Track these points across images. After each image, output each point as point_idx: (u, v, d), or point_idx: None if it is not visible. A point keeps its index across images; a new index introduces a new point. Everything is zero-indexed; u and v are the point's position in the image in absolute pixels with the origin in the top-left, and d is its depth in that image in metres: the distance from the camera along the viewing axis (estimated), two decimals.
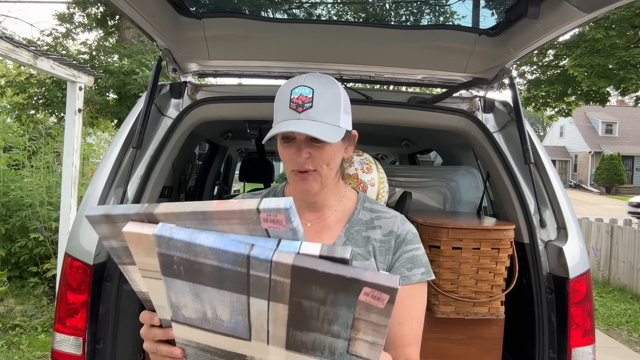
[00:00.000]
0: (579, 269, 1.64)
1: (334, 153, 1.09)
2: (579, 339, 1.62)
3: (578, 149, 36.36)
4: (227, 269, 0.70)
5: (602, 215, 9.99)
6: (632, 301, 6.22)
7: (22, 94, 9.30)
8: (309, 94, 1.05)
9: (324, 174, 1.09)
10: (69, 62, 4.80)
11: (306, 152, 1.06)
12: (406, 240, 1.14)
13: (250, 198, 1.09)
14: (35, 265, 5.20)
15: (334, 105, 1.06)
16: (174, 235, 0.69)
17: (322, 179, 1.09)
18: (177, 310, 0.78)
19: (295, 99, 1.05)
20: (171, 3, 1.58)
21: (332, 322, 0.72)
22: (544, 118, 20.80)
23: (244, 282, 0.71)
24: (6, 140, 6.00)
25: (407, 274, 1.11)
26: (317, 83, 1.07)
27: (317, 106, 1.04)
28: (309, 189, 1.09)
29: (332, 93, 1.07)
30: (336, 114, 1.06)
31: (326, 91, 1.07)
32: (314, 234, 1.15)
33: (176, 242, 0.70)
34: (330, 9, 1.93)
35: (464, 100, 2.00)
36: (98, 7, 11.01)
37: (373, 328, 0.71)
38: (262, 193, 1.25)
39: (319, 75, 1.10)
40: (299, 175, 1.08)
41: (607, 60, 11.26)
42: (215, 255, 0.69)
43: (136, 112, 1.84)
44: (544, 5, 1.38)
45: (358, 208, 1.19)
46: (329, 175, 1.10)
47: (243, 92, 1.98)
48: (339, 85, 1.10)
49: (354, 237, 1.14)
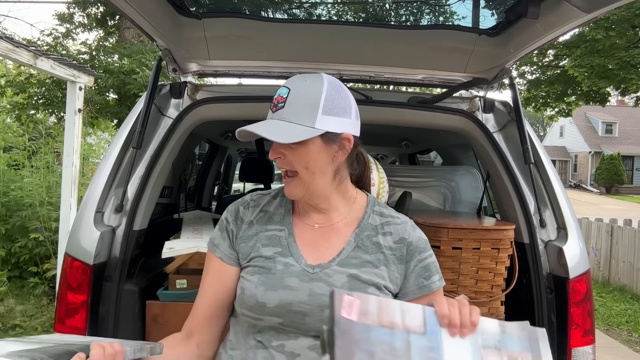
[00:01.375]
0: (579, 269, 1.64)
1: (311, 155, 1.05)
2: (579, 339, 1.62)
3: (578, 149, 36.36)
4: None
5: (602, 215, 9.98)
6: (632, 301, 6.22)
7: (22, 94, 9.29)
8: (284, 94, 1.05)
9: (304, 178, 1.06)
10: (69, 62, 4.80)
11: (279, 152, 1.06)
12: (419, 248, 1.12)
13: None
14: (35, 265, 5.20)
15: (309, 106, 1.03)
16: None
17: (304, 184, 1.07)
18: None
19: (275, 98, 1.06)
20: (171, 3, 1.58)
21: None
22: (544, 118, 20.82)
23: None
24: (6, 140, 6.00)
25: (426, 283, 1.10)
26: (299, 83, 1.06)
27: (289, 106, 1.03)
28: (292, 193, 1.09)
29: (312, 93, 1.04)
30: (312, 114, 1.03)
31: (306, 91, 1.04)
32: (322, 237, 1.13)
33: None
34: (330, 9, 1.94)
35: (464, 100, 2.00)
36: (98, 7, 11.01)
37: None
38: (271, 192, 1.24)
39: (311, 75, 1.08)
40: (284, 178, 1.10)
41: (607, 60, 11.25)
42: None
43: (136, 112, 1.84)
44: (544, 5, 1.38)
45: (368, 212, 1.16)
46: (312, 179, 1.07)
47: (243, 92, 1.98)
48: (323, 87, 1.05)
49: (363, 242, 1.11)
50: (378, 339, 0.78)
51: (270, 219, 1.16)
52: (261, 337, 1.06)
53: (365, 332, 0.78)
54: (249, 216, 1.16)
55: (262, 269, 1.08)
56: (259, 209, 1.18)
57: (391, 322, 0.80)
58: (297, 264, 1.08)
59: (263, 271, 1.07)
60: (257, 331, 1.07)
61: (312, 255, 1.10)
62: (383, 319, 0.80)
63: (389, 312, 0.81)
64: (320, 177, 1.08)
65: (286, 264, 1.08)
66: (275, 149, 1.06)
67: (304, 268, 1.08)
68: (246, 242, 1.13)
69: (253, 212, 1.17)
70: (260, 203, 1.19)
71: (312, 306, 1.04)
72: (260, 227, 1.14)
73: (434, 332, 0.83)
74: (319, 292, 1.05)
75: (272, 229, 1.14)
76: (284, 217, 1.16)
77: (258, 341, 1.06)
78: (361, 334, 0.77)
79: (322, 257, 1.10)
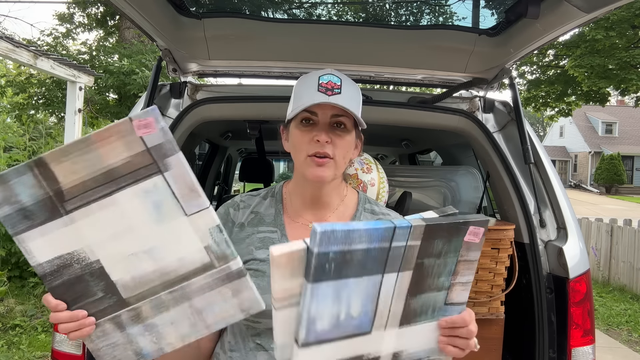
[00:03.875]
0: (579, 268, 1.63)
1: (350, 145, 1.11)
2: (579, 339, 1.62)
3: (578, 149, 36.35)
4: (373, 249, 0.77)
5: (602, 215, 9.99)
6: (632, 301, 6.22)
7: (22, 94, 9.30)
8: (337, 81, 1.08)
9: (339, 164, 1.09)
10: (69, 62, 4.81)
11: (329, 137, 1.07)
12: None
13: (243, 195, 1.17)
14: None
15: (356, 100, 1.11)
16: (336, 227, 0.74)
17: (336, 170, 1.09)
18: (311, 327, 0.78)
19: (325, 83, 1.07)
20: (171, 3, 1.58)
21: (441, 274, 0.84)
22: (544, 118, 20.81)
23: (383, 259, 0.79)
24: (6, 140, 6.00)
25: None
26: (342, 76, 1.11)
27: (345, 94, 1.07)
28: (323, 176, 1.07)
29: (355, 89, 1.13)
30: (358, 108, 1.10)
31: (351, 85, 1.11)
32: None
33: (338, 233, 0.74)
34: (330, 9, 1.94)
35: (464, 100, 2.00)
36: (98, 7, 11.02)
37: (468, 266, 0.85)
38: (260, 193, 1.24)
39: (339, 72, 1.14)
40: (316, 160, 1.07)
41: (607, 60, 11.25)
42: (367, 237, 0.76)
43: (136, 112, 1.84)
44: (544, 5, 1.38)
45: (360, 209, 1.18)
46: (342, 168, 1.11)
47: (243, 92, 1.98)
48: (357, 85, 1.16)
49: None
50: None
51: (262, 220, 1.15)
52: (260, 340, 1.06)
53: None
54: (240, 218, 1.16)
55: (257, 272, 1.07)
56: (249, 210, 1.17)
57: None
58: None
59: (258, 274, 1.07)
60: (255, 334, 1.07)
61: None
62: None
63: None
64: (344, 167, 1.13)
65: None
66: (327, 133, 1.07)
67: None
68: (238, 244, 1.12)
69: (244, 214, 1.16)
70: (250, 204, 1.18)
71: None
72: (252, 229, 1.14)
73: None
74: None
75: (265, 231, 1.13)
76: (275, 218, 1.15)
77: (257, 344, 1.06)
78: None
79: None
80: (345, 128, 1.09)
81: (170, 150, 0.84)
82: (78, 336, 0.87)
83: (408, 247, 0.79)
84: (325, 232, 0.73)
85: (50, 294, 0.86)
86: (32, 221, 0.82)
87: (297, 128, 1.09)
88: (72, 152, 0.81)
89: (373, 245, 0.77)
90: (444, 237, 0.81)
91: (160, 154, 0.84)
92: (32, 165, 0.81)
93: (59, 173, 0.82)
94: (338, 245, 0.74)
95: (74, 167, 0.82)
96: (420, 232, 0.79)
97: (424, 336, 0.87)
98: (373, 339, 0.83)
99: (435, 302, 0.85)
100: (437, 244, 0.81)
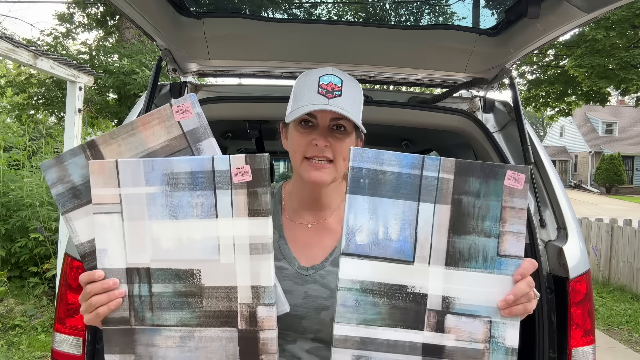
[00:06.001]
0: (579, 269, 1.63)
1: (349, 148, 1.10)
2: (579, 339, 1.62)
3: (578, 149, 36.35)
4: (405, 174, 0.83)
5: (602, 215, 9.98)
6: (632, 301, 6.22)
7: (22, 94, 9.30)
8: (338, 83, 1.05)
9: (339, 167, 1.08)
10: (69, 62, 4.81)
11: (328, 140, 1.05)
12: None
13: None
14: (35, 265, 5.20)
15: (357, 101, 1.08)
16: (367, 150, 0.85)
17: (336, 173, 1.08)
18: (351, 237, 0.84)
19: (325, 85, 1.04)
20: (171, 3, 1.58)
21: (484, 217, 0.85)
22: (544, 118, 20.80)
23: (416, 186, 0.83)
24: (6, 140, 6.00)
25: None
26: (344, 76, 1.07)
27: (345, 96, 1.04)
28: (322, 179, 1.06)
29: (357, 90, 1.09)
30: (358, 111, 1.07)
31: (352, 86, 1.08)
32: (315, 235, 1.13)
33: (369, 152, 0.84)
34: (330, 9, 1.93)
35: (464, 100, 2.00)
36: (98, 7, 11.02)
37: (515, 214, 0.86)
38: None
39: (342, 72, 1.11)
40: (314, 164, 1.06)
41: (608, 60, 11.24)
42: (397, 161, 0.84)
43: (136, 112, 1.84)
44: (544, 5, 1.37)
45: None
46: (342, 170, 1.09)
47: (243, 92, 1.98)
48: (359, 86, 1.12)
49: None
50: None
51: None
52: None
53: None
54: None
55: None
56: None
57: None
58: (290, 266, 1.08)
59: None
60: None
61: (305, 257, 1.10)
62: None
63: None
64: (345, 168, 1.11)
65: (279, 267, 1.07)
66: (326, 137, 1.05)
67: (297, 271, 1.08)
68: None
69: None
70: None
71: (308, 309, 1.04)
72: None
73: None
74: (314, 295, 1.04)
75: None
76: (273, 219, 1.15)
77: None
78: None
79: (315, 258, 1.10)
80: (345, 131, 1.07)
81: (204, 135, 0.91)
82: (105, 311, 0.89)
83: (441, 178, 0.83)
84: (358, 149, 0.84)
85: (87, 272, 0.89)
86: (79, 200, 0.88)
87: (295, 129, 1.08)
88: (119, 134, 0.88)
89: (404, 170, 0.83)
90: (479, 177, 0.83)
91: (194, 137, 0.90)
92: (85, 147, 0.88)
93: (107, 154, 0.88)
94: (370, 164, 0.83)
95: (119, 149, 0.88)
96: (451, 165, 0.83)
97: (480, 289, 0.85)
98: (417, 271, 0.84)
99: (485, 248, 0.85)
100: (472, 182, 0.83)
